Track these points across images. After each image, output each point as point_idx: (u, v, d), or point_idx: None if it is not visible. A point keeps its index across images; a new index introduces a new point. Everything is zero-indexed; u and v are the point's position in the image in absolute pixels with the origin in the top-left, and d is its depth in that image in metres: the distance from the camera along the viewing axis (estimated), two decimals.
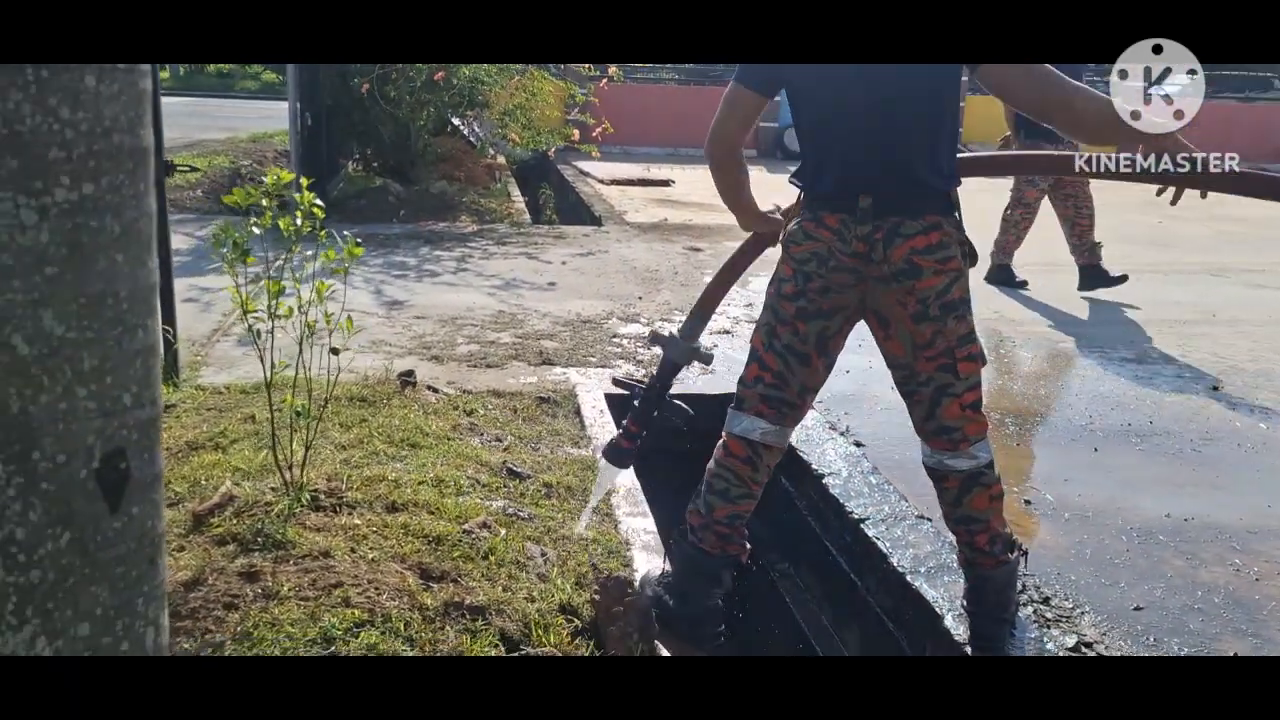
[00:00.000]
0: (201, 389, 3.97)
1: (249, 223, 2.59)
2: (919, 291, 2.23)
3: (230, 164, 10.81)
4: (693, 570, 2.49)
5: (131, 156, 1.10)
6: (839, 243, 2.26)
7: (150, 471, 1.19)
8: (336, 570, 2.31)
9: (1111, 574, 2.92)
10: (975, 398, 2.35)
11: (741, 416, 2.47)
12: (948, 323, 2.26)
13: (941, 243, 2.22)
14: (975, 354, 2.32)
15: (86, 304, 1.08)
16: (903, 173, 2.22)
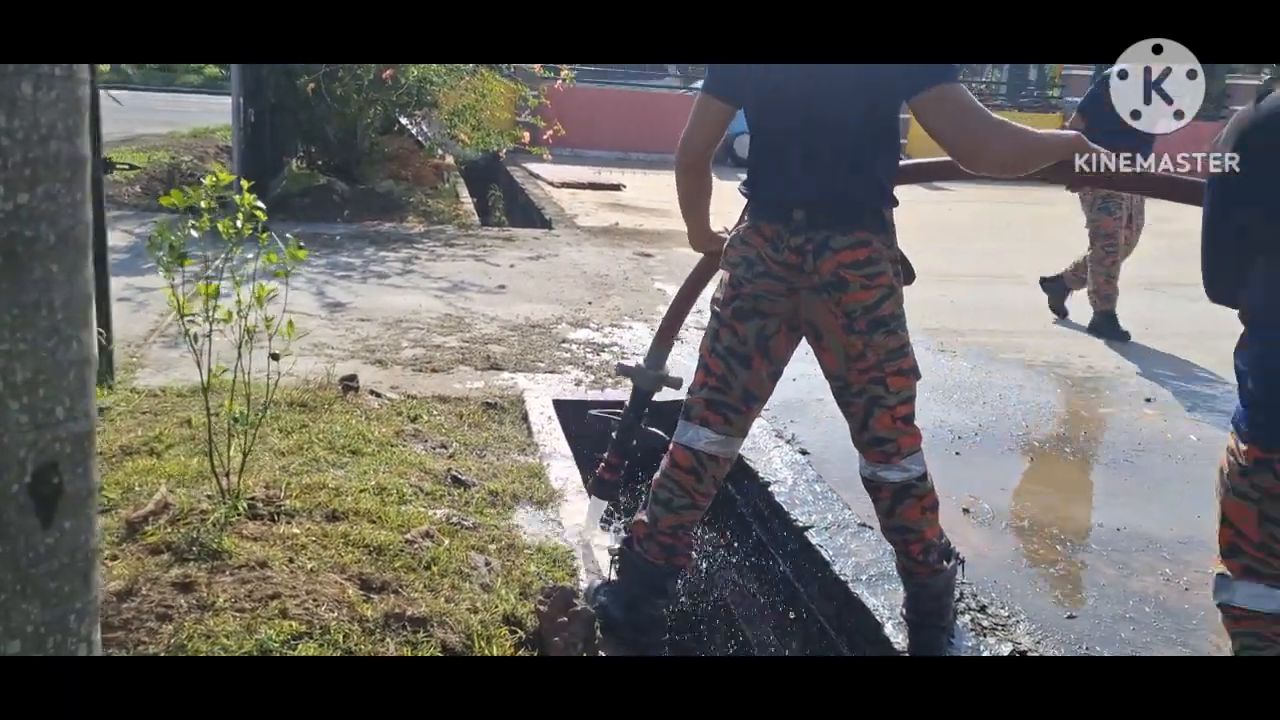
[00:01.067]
0: (137, 392, 3.88)
1: (186, 225, 2.54)
2: (846, 304, 2.26)
3: (171, 160, 10.60)
4: (638, 580, 2.49)
5: (69, 165, 1.07)
6: (770, 250, 2.30)
7: (84, 485, 1.16)
8: (274, 581, 2.28)
9: (1046, 583, 2.98)
10: (907, 411, 2.39)
11: (688, 426, 2.48)
12: (875, 337, 2.29)
13: (870, 259, 2.25)
14: (907, 369, 2.36)
15: (20, 314, 1.05)
16: (837, 189, 2.26)
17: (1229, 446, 1.83)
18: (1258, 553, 1.81)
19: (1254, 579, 1.82)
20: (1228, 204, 1.81)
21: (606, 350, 5.09)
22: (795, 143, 2.29)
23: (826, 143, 2.26)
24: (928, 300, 6.64)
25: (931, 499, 2.47)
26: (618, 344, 5.23)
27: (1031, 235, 10.38)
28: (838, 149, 2.26)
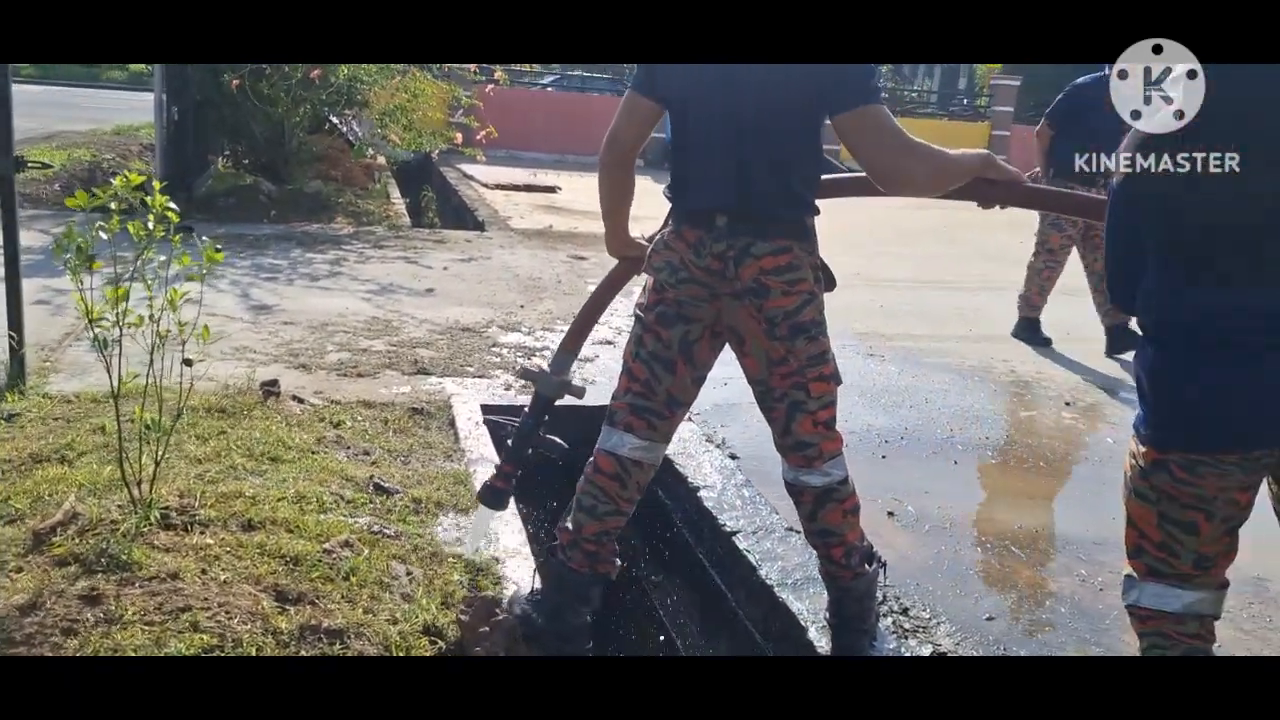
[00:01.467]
0: (49, 397, 3.76)
1: (95, 227, 2.46)
2: (767, 310, 2.28)
3: (92, 158, 10.30)
4: (561, 587, 2.48)
5: None
6: (693, 255, 2.30)
7: None
8: (185, 593, 2.22)
9: (967, 585, 3.03)
10: (829, 415, 2.41)
11: (612, 432, 2.48)
12: (797, 343, 2.31)
13: (791, 265, 2.26)
14: (827, 374, 2.38)
15: None
16: (758, 196, 2.26)
17: (1130, 450, 1.88)
18: (1159, 553, 1.86)
19: (1157, 579, 1.87)
20: (1122, 208, 1.86)
21: (538, 354, 5.06)
22: (720, 149, 2.28)
23: (751, 150, 2.26)
24: (859, 304, 6.74)
25: (853, 503, 2.49)
26: (549, 348, 5.20)
27: (977, 241, 10.59)
28: (761, 157, 2.26)
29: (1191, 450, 1.79)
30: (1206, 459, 1.78)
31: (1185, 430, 1.80)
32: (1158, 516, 1.84)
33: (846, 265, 8.65)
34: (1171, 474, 1.81)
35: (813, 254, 2.33)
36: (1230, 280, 1.74)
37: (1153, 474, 1.83)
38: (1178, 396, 1.80)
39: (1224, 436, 1.77)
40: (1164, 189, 1.76)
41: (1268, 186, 1.68)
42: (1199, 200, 1.73)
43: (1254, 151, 1.68)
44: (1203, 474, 1.79)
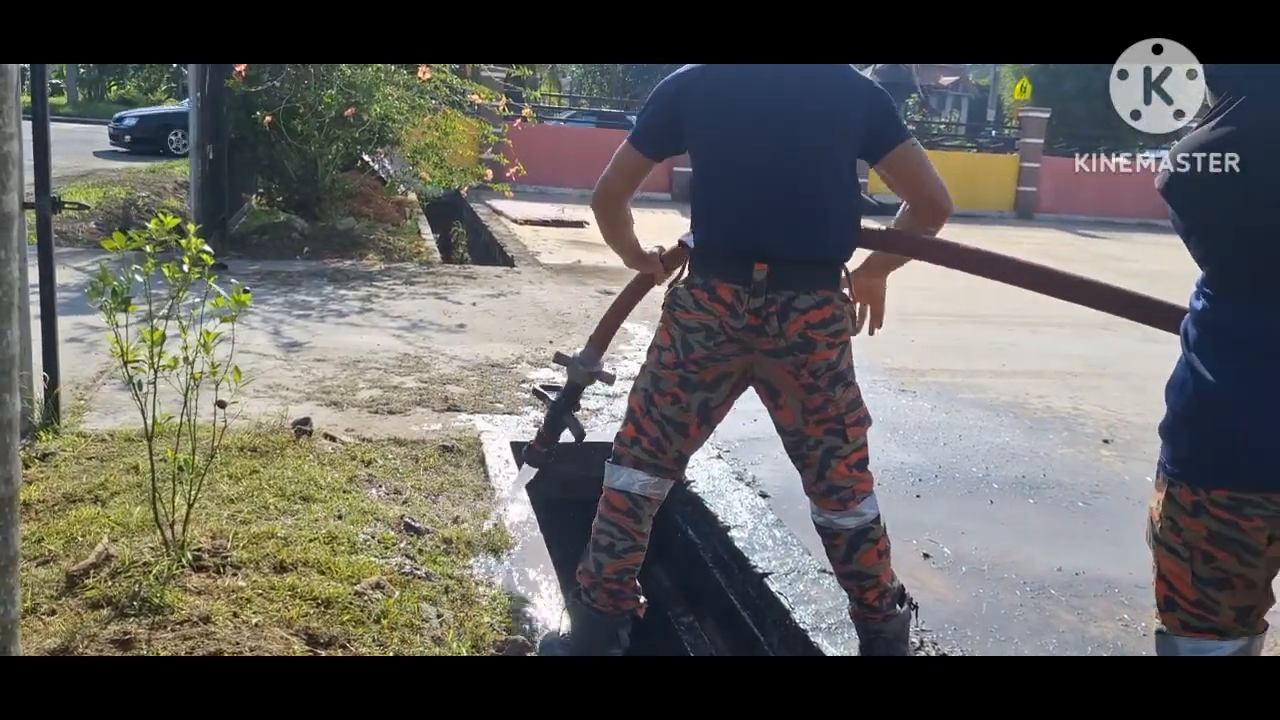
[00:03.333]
0: (83, 436, 3.79)
1: (130, 269, 2.48)
2: (812, 365, 2.24)
3: (127, 195, 10.47)
4: (589, 631, 2.44)
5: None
6: (731, 318, 2.23)
7: (4, 554, 1.11)
8: (217, 637, 2.21)
9: (1005, 629, 2.97)
10: (861, 456, 2.38)
11: (620, 470, 2.44)
12: (837, 391, 2.29)
13: (834, 316, 2.24)
14: (863, 417, 2.36)
15: None
16: (801, 242, 2.21)
17: (1156, 495, 1.69)
18: (1195, 609, 1.68)
19: (1194, 634, 1.70)
20: (1175, 224, 1.70)
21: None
22: (753, 189, 2.22)
23: (789, 191, 2.20)
24: (889, 340, 6.67)
25: (885, 542, 2.45)
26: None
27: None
28: (799, 202, 2.21)
29: (1239, 487, 1.55)
30: (1255, 498, 1.54)
31: (1232, 463, 1.56)
32: (1192, 574, 1.65)
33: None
34: (1211, 517, 1.58)
35: (847, 300, 2.32)
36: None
37: (1186, 520, 1.61)
38: (1225, 424, 1.56)
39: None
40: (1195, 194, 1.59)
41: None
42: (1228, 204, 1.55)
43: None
44: (1250, 516, 1.55)
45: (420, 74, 9.27)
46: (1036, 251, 13.13)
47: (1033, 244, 14.16)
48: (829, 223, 2.25)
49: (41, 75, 3.77)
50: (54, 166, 4.02)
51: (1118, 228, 18.87)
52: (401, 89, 9.25)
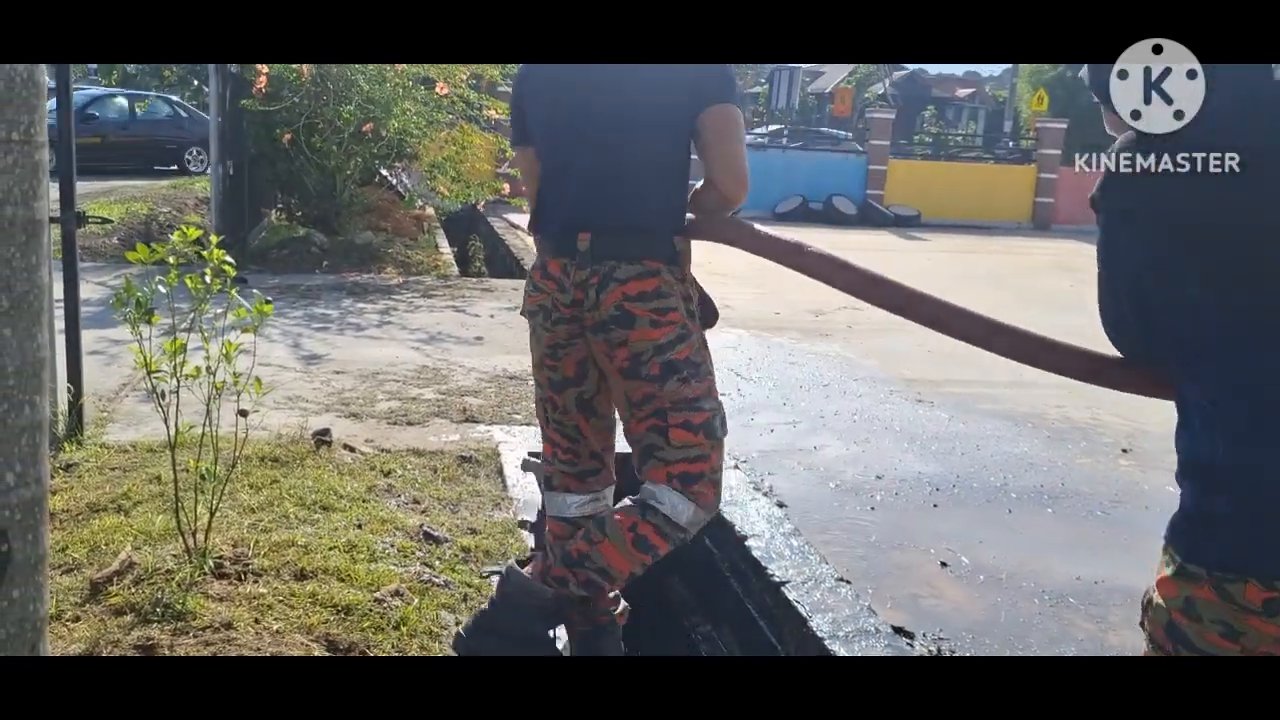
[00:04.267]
0: (106, 447, 3.83)
1: (154, 281, 2.52)
2: (633, 344, 2.03)
3: (148, 211, 10.59)
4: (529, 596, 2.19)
5: (24, 229, 1.06)
6: (559, 293, 2.10)
7: (34, 553, 1.14)
8: (238, 643, 2.23)
9: (1024, 637, 2.96)
10: (689, 470, 2.08)
11: (554, 495, 2.36)
12: (667, 384, 2.05)
13: (659, 291, 2.03)
14: (699, 424, 2.07)
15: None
16: (624, 210, 2.06)
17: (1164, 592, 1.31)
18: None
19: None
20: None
21: None
22: (579, 164, 2.10)
23: (615, 158, 2.08)
24: (905, 350, 6.69)
25: (650, 534, 2.10)
26: None
27: (1025, 285, 10.51)
28: (623, 165, 2.07)
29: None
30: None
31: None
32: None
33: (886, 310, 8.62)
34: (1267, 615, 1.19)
35: (684, 281, 2.10)
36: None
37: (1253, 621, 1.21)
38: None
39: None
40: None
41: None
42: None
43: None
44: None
45: (438, 89, 9.35)
46: (1053, 263, 13.10)
47: (1046, 255, 14.11)
48: (649, 191, 2.07)
49: (66, 90, 3.83)
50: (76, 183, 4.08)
51: None
52: (419, 104, 9.33)
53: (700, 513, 2.12)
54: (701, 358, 2.11)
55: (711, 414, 2.09)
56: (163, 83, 15.01)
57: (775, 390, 5.65)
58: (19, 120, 1.05)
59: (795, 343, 7.00)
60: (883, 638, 2.88)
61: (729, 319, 7.87)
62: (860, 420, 5.12)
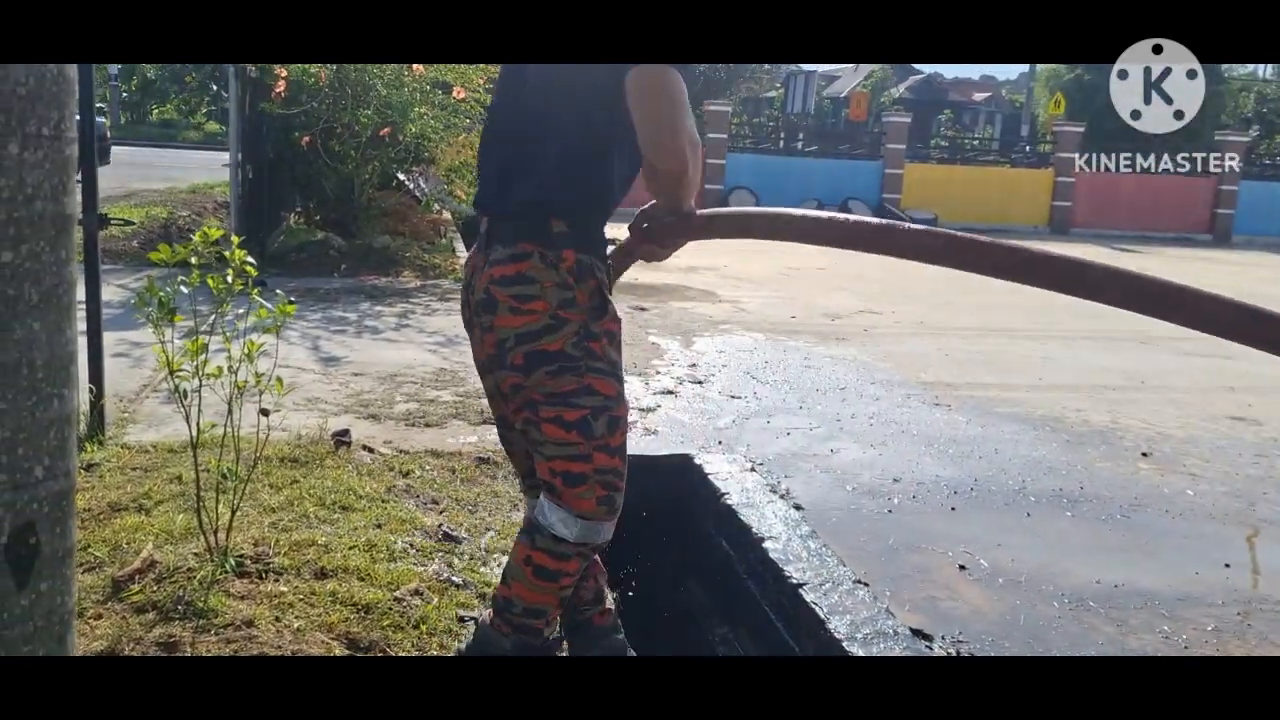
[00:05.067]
0: (128, 447, 3.86)
1: (176, 281, 2.54)
2: (497, 330, 1.93)
3: (168, 215, 10.67)
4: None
5: (54, 224, 1.07)
6: (468, 279, 2.05)
7: (61, 546, 1.15)
8: (259, 641, 2.24)
9: (1044, 641, 2.94)
10: (570, 470, 1.96)
11: (530, 502, 2.26)
12: (534, 375, 1.92)
13: (524, 275, 1.89)
14: (572, 421, 1.93)
15: (0, 374, 1.04)
16: (510, 192, 1.95)
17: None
18: None
19: None
20: None
21: None
22: (494, 150, 2.04)
23: (515, 145, 1.98)
24: (923, 353, 6.68)
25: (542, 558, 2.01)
26: None
27: (1029, 289, 10.45)
28: (526, 150, 1.96)
29: None
30: None
31: None
32: None
33: (908, 315, 8.63)
34: None
35: (561, 267, 1.91)
36: None
37: None
38: None
39: None
40: None
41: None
42: None
43: None
44: None
45: (455, 94, 9.39)
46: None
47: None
48: (537, 168, 1.94)
49: (88, 94, 3.86)
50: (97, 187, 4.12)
51: (1154, 242, 18.70)
52: (436, 108, 9.37)
53: (585, 525, 1.98)
54: (582, 351, 1.92)
55: (589, 411, 1.93)
56: (183, 88, 15.13)
57: (791, 393, 5.64)
58: (49, 116, 1.06)
59: (811, 346, 6.99)
60: (901, 640, 2.86)
61: (744, 322, 7.87)
62: (877, 424, 5.10)
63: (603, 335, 1.96)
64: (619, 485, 2.02)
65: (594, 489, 1.97)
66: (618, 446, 1.99)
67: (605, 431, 1.96)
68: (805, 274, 11.11)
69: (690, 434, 4.56)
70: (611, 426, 1.97)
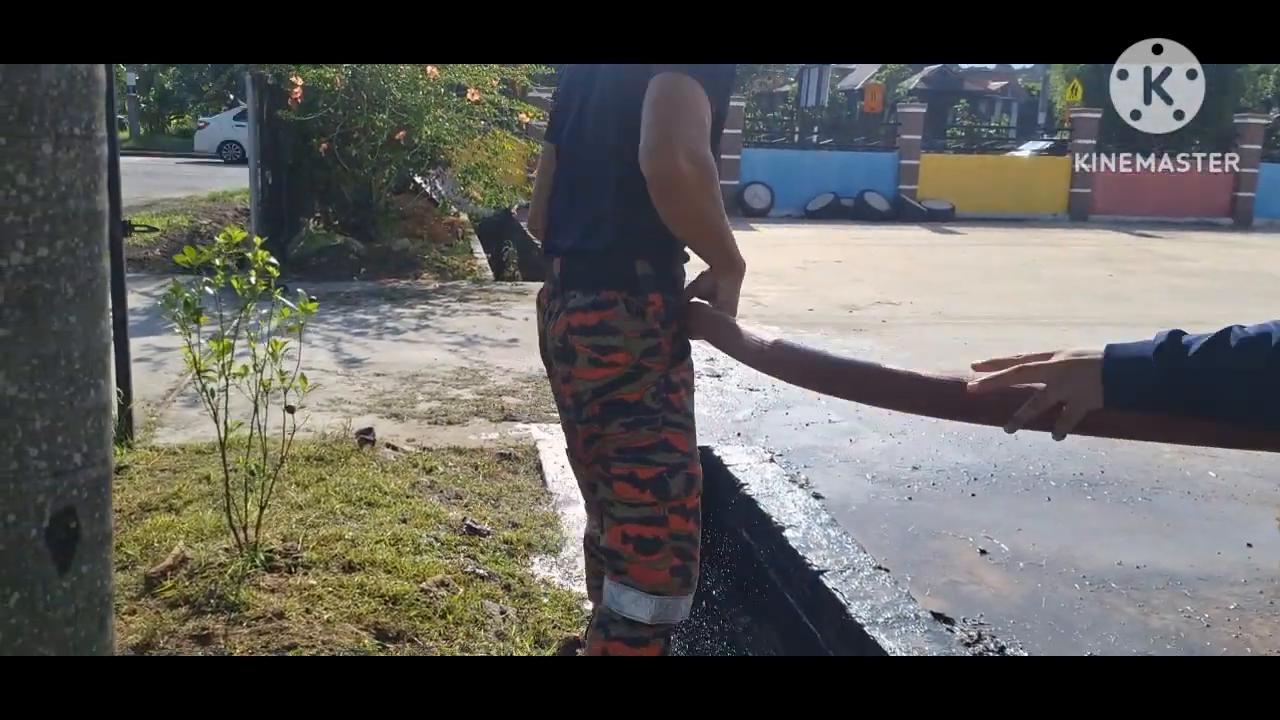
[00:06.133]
0: (156, 450, 3.93)
1: (202, 282, 2.60)
2: (575, 381, 1.78)
3: (189, 223, 10.79)
4: None
5: (87, 220, 1.12)
6: (542, 322, 1.92)
7: (100, 530, 1.19)
8: (291, 631, 2.29)
9: (1066, 622, 2.96)
10: (643, 534, 1.77)
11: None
12: (611, 426, 1.77)
13: (606, 325, 1.73)
14: (646, 480, 1.75)
15: (39, 365, 1.09)
16: (578, 231, 1.81)
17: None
18: None
19: None
20: None
21: None
22: (565, 181, 1.89)
23: (581, 175, 1.84)
24: (941, 342, 6.68)
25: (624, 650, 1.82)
26: None
27: (1062, 276, 10.43)
28: (591, 181, 1.81)
29: None
30: None
31: None
32: None
33: (925, 305, 8.62)
34: None
35: (646, 315, 1.76)
36: None
37: None
38: None
39: None
40: None
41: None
42: None
43: None
44: None
45: (469, 96, 9.45)
46: (1092, 254, 12.98)
47: (1087, 246, 13.99)
48: (608, 205, 1.78)
49: (110, 101, 3.93)
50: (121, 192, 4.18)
51: (1175, 227, 18.56)
52: (451, 111, 9.43)
53: (659, 602, 1.78)
54: (661, 403, 1.77)
55: (664, 469, 1.76)
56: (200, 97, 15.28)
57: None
58: (80, 116, 1.10)
59: (829, 338, 7.00)
60: (922, 624, 2.89)
61: (761, 315, 7.88)
62: (895, 413, 5.11)
63: (681, 385, 1.82)
64: (694, 555, 1.83)
65: (669, 557, 1.78)
66: (693, 509, 1.82)
67: (681, 491, 1.79)
68: (822, 266, 11.11)
69: (709, 426, 4.59)
70: (687, 486, 1.80)
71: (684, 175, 1.60)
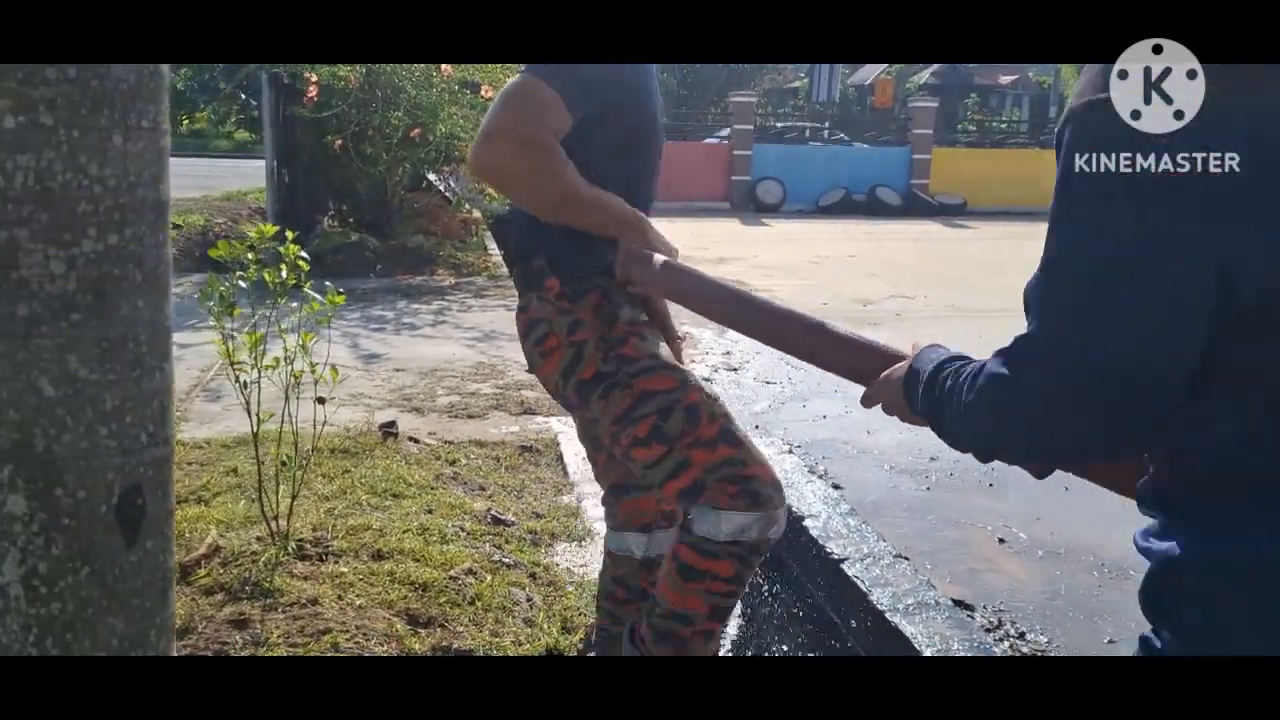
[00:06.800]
0: (182, 444, 3.98)
1: (234, 276, 2.65)
2: (546, 379, 1.90)
3: (204, 221, 10.87)
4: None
5: (153, 209, 1.17)
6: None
7: (164, 507, 1.24)
8: (325, 617, 2.34)
9: (1085, 609, 2.99)
10: (683, 487, 1.78)
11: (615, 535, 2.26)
12: (593, 406, 1.84)
13: (533, 320, 1.87)
14: (645, 436, 1.78)
15: (109, 347, 1.14)
16: (521, 243, 1.91)
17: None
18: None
19: None
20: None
21: None
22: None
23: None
24: (954, 336, 6.67)
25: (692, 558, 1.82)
26: None
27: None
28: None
29: None
30: None
31: None
32: None
33: (939, 299, 8.64)
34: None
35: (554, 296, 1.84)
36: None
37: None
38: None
39: None
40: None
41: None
42: None
43: None
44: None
45: (483, 93, 9.49)
46: None
47: None
48: (521, 223, 1.90)
49: None
50: None
51: None
52: (465, 108, 9.48)
53: (725, 517, 1.76)
54: (615, 363, 1.81)
55: (655, 416, 1.77)
56: (214, 96, 15.34)
57: (826, 378, 5.66)
58: (147, 109, 1.15)
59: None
60: (943, 610, 2.92)
61: None
62: None
63: (629, 336, 1.84)
64: (746, 473, 1.77)
65: (722, 488, 1.76)
66: (713, 436, 1.78)
67: (687, 426, 1.77)
68: (835, 261, 11.13)
69: None
70: (692, 419, 1.78)
71: (499, 162, 1.65)
